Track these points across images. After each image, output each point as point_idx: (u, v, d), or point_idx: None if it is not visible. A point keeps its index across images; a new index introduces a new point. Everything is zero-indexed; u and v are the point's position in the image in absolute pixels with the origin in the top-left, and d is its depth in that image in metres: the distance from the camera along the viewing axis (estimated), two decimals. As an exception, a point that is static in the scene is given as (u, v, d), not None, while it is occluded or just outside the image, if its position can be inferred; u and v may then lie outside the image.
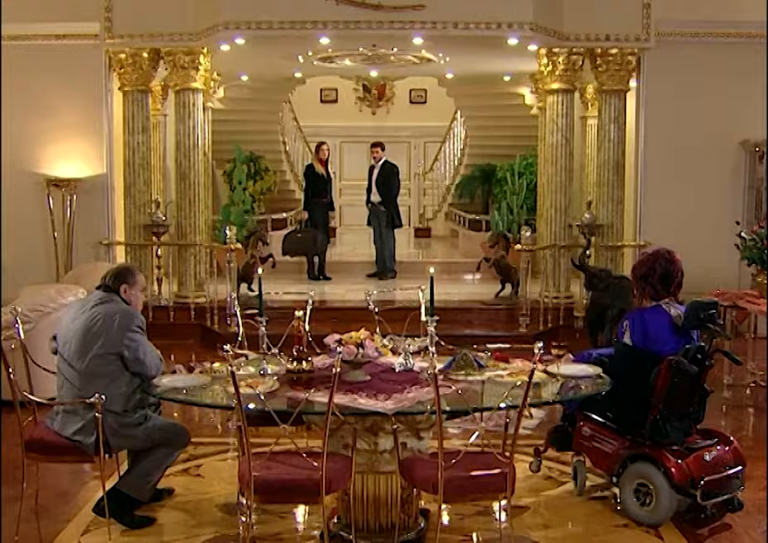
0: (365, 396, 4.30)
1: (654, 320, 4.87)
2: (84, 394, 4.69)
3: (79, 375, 4.76)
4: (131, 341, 4.76)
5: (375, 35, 9.59)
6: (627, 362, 4.84)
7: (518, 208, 12.66)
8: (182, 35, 9.97)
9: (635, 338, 4.86)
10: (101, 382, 4.70)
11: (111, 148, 10.49)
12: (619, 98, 10.35)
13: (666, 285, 4.91)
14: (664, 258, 5.00)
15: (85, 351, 4.74)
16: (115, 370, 4.75)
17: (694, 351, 4.76)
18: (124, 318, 4.80)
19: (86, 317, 4.81)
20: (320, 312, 10.49)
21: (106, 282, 5.00)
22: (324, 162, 12.41)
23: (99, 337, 4.73)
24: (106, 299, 4.91)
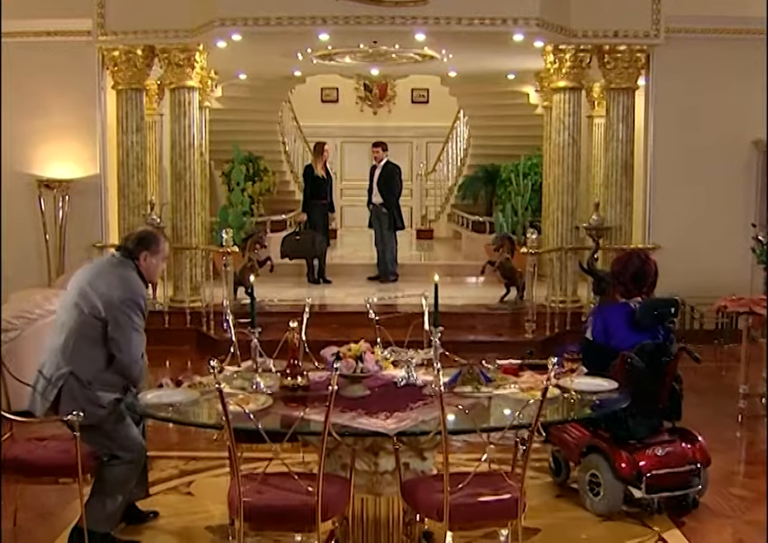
0: (364, 414, 4.00)
1: (615, 317, 5.01)
2: (64, 353, 4.42)
3: (68, 333, 4.45)
4: (122, 314, 4.42)
5: (376, 31, 9.28)
6: (588, 357, 4.90)
7: (522, 209, 12.39)
8: (177, 31, 9.67)
9: (596, 334, 5.04)
10: (83, 344, 4.42)
11: (104, 149, 10.20)
12: (628, 96, 10.04)
13: (638, 285, 5.04)
14: (638, 258, 5.14)
15: (79, 307, 4.43)
16: (96, 337, 4.43)
17: (652, 348, 4.84)
18: (127, 290, 4.46)
19: (93, 274, 4.53)
20: (320, 317, 10.26)
21: (127, 245, 4.65)
22: (324, 163, 12.11)
23: (97, 297, 4.41)
24: (120, 263, 4.59)
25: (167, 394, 4.33)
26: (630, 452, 4.85)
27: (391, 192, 12.04)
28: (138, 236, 4.70)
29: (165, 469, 5.75)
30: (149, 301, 9.34)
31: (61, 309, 4.63)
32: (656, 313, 4.95)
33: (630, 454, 4.84)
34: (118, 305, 4.40)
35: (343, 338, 9.31)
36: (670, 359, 4.97)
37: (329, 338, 9.59)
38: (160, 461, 5.83)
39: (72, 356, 4.40)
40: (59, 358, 4.43)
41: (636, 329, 4.94)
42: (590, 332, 5.10)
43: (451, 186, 17.07)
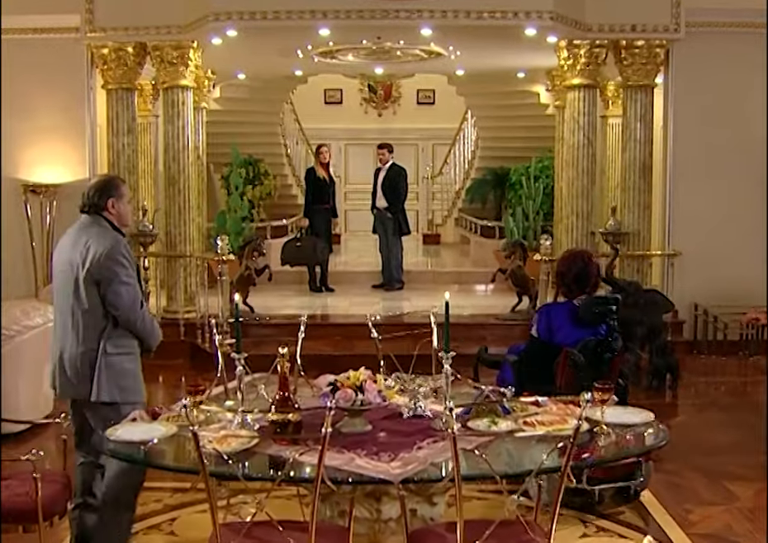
0: (365, 455, 3.45)
1: (558, 315, 5.15)
2: (77, 332, 4.22)
3: (73, 310, 4.23)
4: (107, 270, 4.16)
5: (379, 26, 8.77)
6: (534, 353, 5.13)
7: (534, 214, 11.83)
8: (169, 28, 9.17)
9: (540, 331, 5.17)
10: (90, 316, 4.20)
11: (93, 152, 9.69)
12: (646, 94, 9.50)
13: (580, 285, 5.17)
14: (581, 259, 5.28)
15: (75, 279, 4.21)
16: (97, 303, 4.21)
17: (594, 344, 4.97)
18: (103, 245, 4.18)
19: (71, 243, 4.28)
20: (322, 329, 9.75)
21: (90, 201, 4.34)
22: (326, 166, 11.59)
23: (83, 263, 4.17)
24: (90, 223, 4.31)
25: (140, 430, 3.78)
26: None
27: (396, 196, 11.53)
28: (96, 187, 4.37)
29: (148, 502, 5.21)
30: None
31: (57, 291, 4.37)
32: (597, 310, 5.09)
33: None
34: (103, 263, 4.17)
35: (345, 352, 8.91)
36: (613, 355, 5.08)
37: (331, 352, 9.14)
38: (142, 493, 5.28)
39: (85, 332, 4.23)
40: (74, 338, 4.24)
41: (579, 326, 5.06)
42: (535, 329, 5.23)
43: (458, 190, 16.54)
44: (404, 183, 11.60)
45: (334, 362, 8.70)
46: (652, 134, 9.59)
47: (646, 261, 9.62)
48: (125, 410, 4.10)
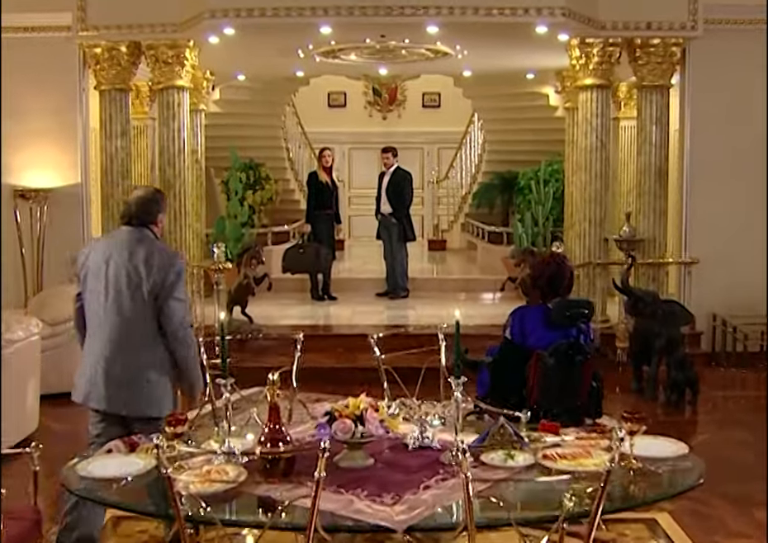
0: (365, 496, 3.05)
1: (531, 317, 5.17)
2: (129, 344, 4.21)
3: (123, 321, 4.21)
4: (171, 287, 4.19)
5: (383, 24, 8.37)
6: (507, 356, 5.19)
7: (543, 219, 11.43)
8: (164, 26, 8.79)
9: (513, 334, 5.20)
10: (140, 327, 4.21)
11: (86, 155, 9.31)
12: (662, 95, 9.09)
13: (554, 288, 5.17)
14: (555, 263, 5.30)
15: (130, 290, 4.19)
16: (149, 317, 4.22)
17: (566, 347, 4.97)
18: (170, 262, 4.25)
19: (131, 261, 4.20)
20: (324, 340, 9.35)
21: (140, 214, 4.27)
22: (329, 170, 11.19)
23: (150, 279, 4.18)
24: (141, 236, 4.26)
25: (114, 464, 3.39)
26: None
27: (401, 200, 11.13)
28: (147, 200, 4.33)
29: (131, 533, 4.81)
30: None
31: (103, 303, 4.26)
32: (569, 313, 5.11)
33: None
34: (165, 277, 4.20)
35: (347, 364, 8.49)
36: (584, 358, 5.09)
37: (333, 364, 8.73)
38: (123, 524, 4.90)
39: (147, 342, 4.24)
40: (135, 347, 4.24)
41: (551, 329, 5.08)
42: (509, 332, 5.29)
43: (465, 195, 16.15)
44: (409, 188, 11.21)
45: (335, 375, 8.35)
46: (668, 137, 9.18)
47: (662, 269, 9.20)
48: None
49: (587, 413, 5.10)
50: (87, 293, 4.33)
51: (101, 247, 4.34)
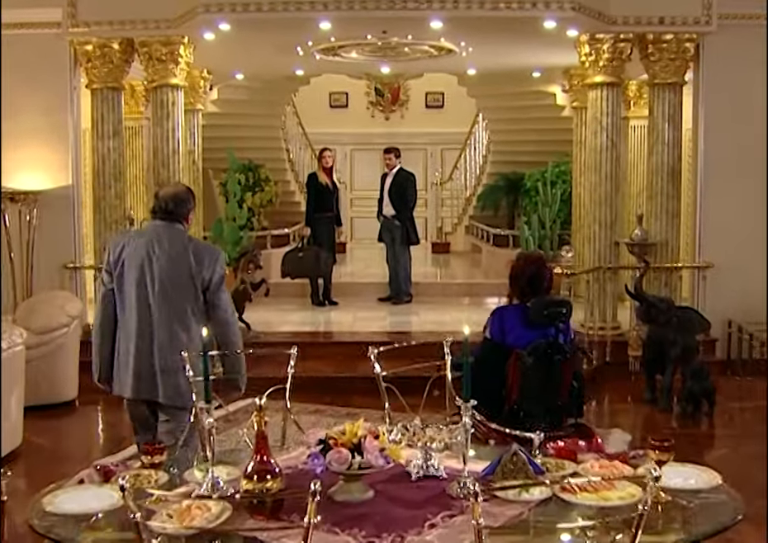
0: (363, 537, 2.71)
1: (511, 316, 5.19)
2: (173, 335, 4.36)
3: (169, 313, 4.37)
4: (219, 278, 4.42)
5: (385, 19, 8.02)
6: (486, 355, 5.13)
7: (550, 222, 11.09)
8: (157, 22, 8.45)
9: (493, 333, 5.21)
10: (184, 318, 4.39)
11: (77, 156, 8.98)
12: (674, 93, 8.75)
13: (533, 288, 5.22)
14: (534, 263, 5.37)
15: (180, 282, 4.38)
16: (196, 309, 4.42)
17: (544, 346, 5.00)
18: (215, 253, 4.49)
19: (182, 256, 4.38)
20: (324, 347, 9.01)
21: (175, 209, 4.45)
22: (329, 171, 10.85)
23: (201, 272, 4.38)
24: (180, 230, 4.48)
25: (86, 497, 3.04)
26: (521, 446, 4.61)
27: (405, 202, 10.80)
28: (180, 197, 4.50)
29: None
30: None
31: (154, 289, 4.37)
32: (547, 312, 5.11)
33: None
34: (215, 270, 4.42)
35: (347, 373, 8.15)
36: (563, 357, 5.10)
37: (332, 373, 8.39)
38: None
39: (190, 332, 4.40)
40: (178, 336, 4.39)
41: (530, 329, 5.11)
42: (489, 331, 5.31)
43: (469, 196, 15.82)
44: (412, 189, 10.88)
45: (334, 385, 8.02)
46: (681, 136, 8.84)
47: (674, 273, 8.84)
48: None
49: (568, 412, 5.17)
50: (127, 286, 4.39)
51: (140, 242, 4.43)
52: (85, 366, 8.11)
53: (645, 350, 7.66)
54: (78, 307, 7.73)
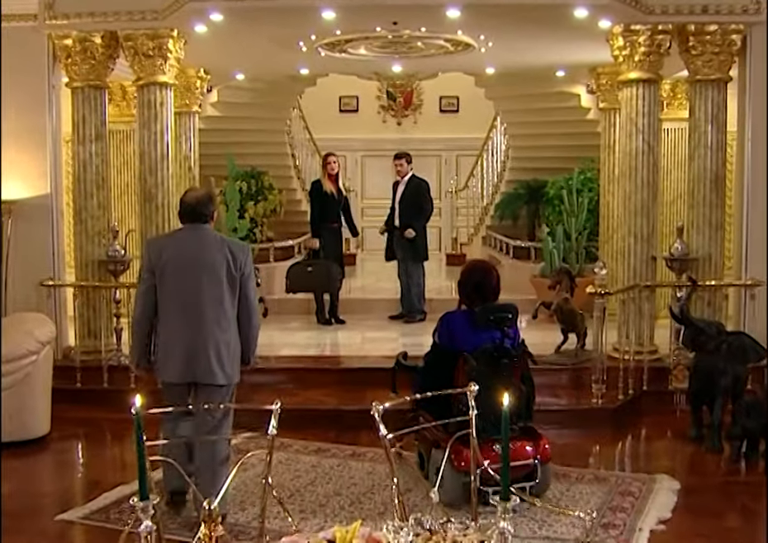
0: None
1: (457, 321, 5.46)
2: (223, 320, 4.97)
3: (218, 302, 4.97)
4: (250, 271, 5.05)
5: (396, 7, 7.18)
6: (436, 359, 5.51)
7: (576, 233, 10.20)
8: (143, 13, 7.61)
9: (441, 338, 5.51)
10: (230, 307, 5.00)
11: (56, 162, 8.15)
12: (719, 90, 7.85)
13: (480, 294, 5.45)
14: (481, 269, 5.61)
15: (223, 275, 4.95)
16: (233, 298, 5.03)
17: (491, 350, 5.24)
18: (249, 252, 5.09)
19: (219, 252, 4.97)
20: (329, 374, 8.11)
21: (205, 212, 5.05)
22: (334, 178, 9.98)
23: (235, 262, 4.97)
24: (209, 230, 5.08)
25: None
26: (469, 448, 4.86)
27: (418, 212, 9.94)
28: (207, 200, 5.09)
29: None
30: (111, 354, 7.56)
31: (199, 283, 4.95)
32: (493, 317, 5.29)
33: (468, 450, 4.89)
34: (246, 263, 5.02)
35: (355, 404, 7.23)
36: (510, 360, 5.30)
37: (338, 404, 7.45)
38: None
39: (231, 322, 5.01)
40: (222, 324, 4.97)
41: (477, 333, 5.31)
42: (437, 336, 5.54)
43: (486, 205, 14.92)
44: (427, 198, 10.02)
45: (340, 418, 7.11)
46: (726, 139, 7.94)
47: (718, 292, 7.92)
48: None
49: (518, 415, 5.35)
50: (173, 283, 4.95)
51: (180, 243, 5.07)
52: (59, 397, 7.37)
53: (691, 380, 6.74)
54: (50, 332, 6.87)
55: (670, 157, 10.36)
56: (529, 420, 5.42)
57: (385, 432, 3.20)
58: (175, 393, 5.03)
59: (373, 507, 5.29)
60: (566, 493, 5.54)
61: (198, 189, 5.84)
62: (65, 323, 8.35)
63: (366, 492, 5.55)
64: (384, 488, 5.56)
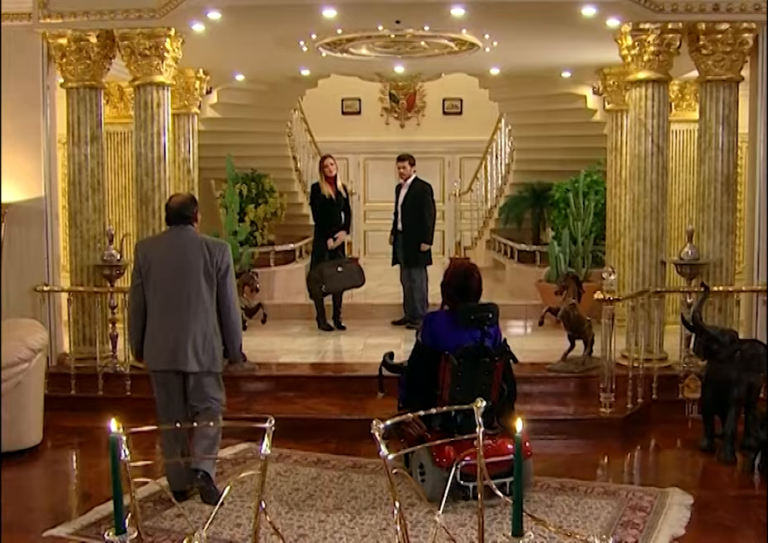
0: None
1: (439, 321, 5.61)
2: (201, 314, 5.36)
3: (198, 297, 5.35)
4: (228, 268, 5.40)
5: (398, 5, 6.99)
6: (419, 358, 5.61)
7: (582, 237, 9.99)
8: (139, 11, 7.44)
9: (424, 337, 5.62)
10: (210, 302, 5.39)
11: (51, 164, 7.98)
12: (729, 91, 7.65)
13: (462, 296, 5.59)
14: (463, 272, 5.69)
15: (205, 273, 5.34)
16: (213, 294, 5.40)
17: (472, 349, 5.39)
18: (225, 249, 5.46)
19: (196, 252, 5.35)
20: (330, 382, 7.91)
21: (187, 214, 5.45)
22: (333, 181, 9.76)
23: (213, 261, 5.34)
24: (190, 231, 5.45)
25: None
26: (450, 444, 5.24)
27: (421, 216, 9.73)
28: (189, 203, 5.52)
29: None
30: (107, 361, 7.37)
31: (175, 285, 5.36)
32: (473, 317, 5.43)
33: (449, 446, 5.28)
34: (224, 261, 5.39)
35: (356, 414, 7.02)
36: (490, 359, 5.45)
37: (339, 414, 7.24)
38: None
39: (207, 315, 5.38)
40: (201, 316, 5.36)
41: (458, 332, 5.46)
42: (420, 335, 5.67)
43: (490, 208, 14.73)
44: (430, 201, 9.81)
45: (340, 428, 6.90)
46: (737, 140, 7.74)
47: (730, 298, 7.71)
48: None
49: (499, 413, 5.52)
50: (156, 281, 5.38)
51: (162, 244, 5.54)
52: (53, 405, 7.18)
53: (703, 389, 6.54)
54: (43, 338, 6.67)
55: (679, 159, 10.17)
56: (511, 417, 5.26)
57: (386, 452, 2.98)
58: (160, 379, 5.50)
59: (375, 523, 5.07)
60: (574, 507, 5.33)
61: (182, 194, 6.34)
62: (60, 329, 8.17)
63: (367, 507, 5.34)
64: (386, 503, 5.36)
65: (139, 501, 5.28)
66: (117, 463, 2.23)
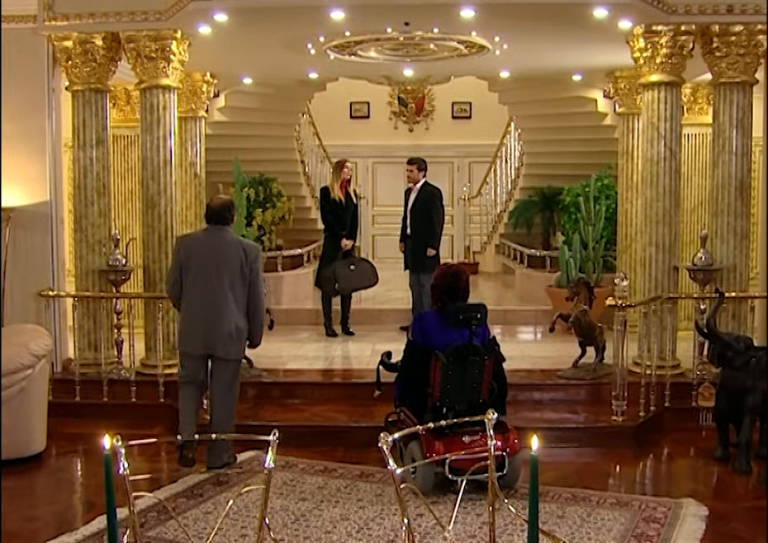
0: None
1: (429, 320, 5.83)
2: (236, 304, 5.94)
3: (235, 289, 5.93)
4: (258, 267, 5.98)
5: (407, 7, 6.89)
6: (411, 356, 5.79)
7: (593, 242, 9.88)
8: (146, 14, 7.35)
9: (415, 336, 5.81)
10: (242, 295, 5.97)
11: (56, 168, 7.91)
12: (744, 94, 7.52)
13: (451, 296, 5.77)
14: (452, 275, 5.87)
15: (240, 269, 5.90)
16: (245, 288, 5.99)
17: (461, 347, 5.56)
18: (256, 249, 6.04)
19: (227, 245, 5.94)
20: (336, 389, 7.81)
21: (227, 216, 6.01)
22: (345, 185, 9.67)
23: (247, 259, 5.91)
24: (228, 231, 6.01)
25: None
26: (440, 440, 5.48)
27: (429, 221, 9.60)
28: (229, 206, 6.08)
29: None
30: (112, 367, 7.33)
31: (211, 278, 5.91)
32: (462, 317, 5.58)
33: (440, 441, 5.48)
34: (255, 260, 5.94)
35: (363, 422, 6.92)
36: (479, 358, 5.61)
37: (346, 421, 7.13)
38: None
39: (240, 306, 5.95)
40: (234, 309, 5.92)
41: (448, 331, 5.63)
42: (411, 334, 5.88)
43: (499, 213, 14.65)
44: (439, 206, 9.68)
45: (347, 435, 6.79)
46: (751, 144, 7.62)
47: (744, 304, 7.59)
48: None
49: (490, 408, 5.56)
50: (196, 275, 5.93)
51: (203, 241, 6.02)
52: (58, 411, 7.09)
53: (717, 397, 6.41)
54: (47, 344, 6.56)
55: (691, 163, 10.07)
56: (502, 414, 5.59)
57: (394, 466, 2.88)
58: (191, 361, 6.05)
59: (382, 534, 4.96)
60: (587, 519, 5.21)
61: (223, 197, 6.62)
62: (65, 334, 8.09)
63: (375, 517, 5.22)
64: (394, 513, 5.24)
65: (142, 511, 5.25)
66: (111, 481, 2.12)
